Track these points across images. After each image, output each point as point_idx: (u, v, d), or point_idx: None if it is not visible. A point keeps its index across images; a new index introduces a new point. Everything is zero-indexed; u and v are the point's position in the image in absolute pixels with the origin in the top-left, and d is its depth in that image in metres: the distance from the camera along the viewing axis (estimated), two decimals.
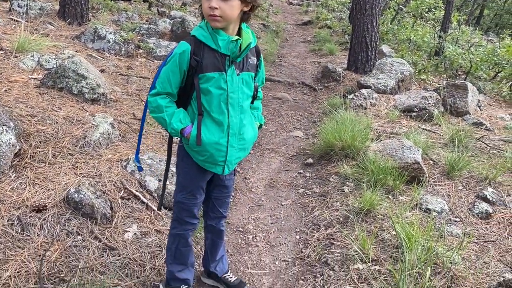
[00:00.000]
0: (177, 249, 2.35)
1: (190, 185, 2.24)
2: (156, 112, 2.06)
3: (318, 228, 3.30)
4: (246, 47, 2.05)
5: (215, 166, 2.17)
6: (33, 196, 2.74)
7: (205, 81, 2.01)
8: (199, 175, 2.22)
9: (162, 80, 2.03)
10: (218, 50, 2.00)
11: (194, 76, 2.00)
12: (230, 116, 2.08)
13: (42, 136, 3.26)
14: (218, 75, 2.01)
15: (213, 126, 2.07)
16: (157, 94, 2.05)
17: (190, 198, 2.26)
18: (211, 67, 2.00)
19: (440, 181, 3.78)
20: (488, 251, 2.87)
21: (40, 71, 4.61)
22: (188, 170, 2.21)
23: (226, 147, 2.12)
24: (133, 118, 4.30)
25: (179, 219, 2.32)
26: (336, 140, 4.28)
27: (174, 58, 1.99)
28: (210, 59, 1.99)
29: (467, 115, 5.63)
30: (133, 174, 3.27)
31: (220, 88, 2.03)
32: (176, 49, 2.01)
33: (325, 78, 7.91)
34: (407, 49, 9.63)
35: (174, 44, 7.37)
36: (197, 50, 1.98)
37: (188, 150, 2.16)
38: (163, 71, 2.03)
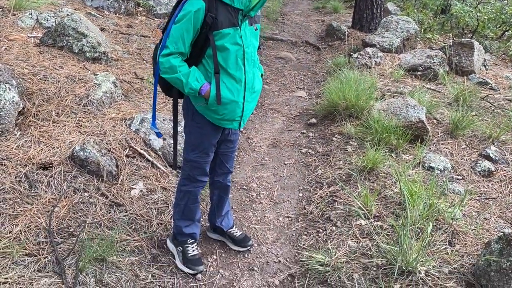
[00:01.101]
0: (186, 205, 2.39)
1: (202, 143, 2.24)
2: (169, 73, 1.99)
3: (321, 186, 3.34)
4: (259, 1, 2.00)
5: (231, 122, 2.18)
6: (39, 154, 2.76)
7: (220, 37, 1.96)
8: (212, 133, 2.22)
9: (175, 39, 1.95)
10: (231, 4, 1.95)
11: (208, 34, 1.95)
12: (246, 72, 2.08)
13: (45, 95, 3.24)
14: (233, 30, 1.98)
15: (232, 84, 2.05)
16: (169, 54, 1.97)
17: (203, 156, 2.28)
18: (226, 23, 1.95)
19: (444, 140, 3.78)
20: (489, 207, 2.91)
21: (39, 30, 4.53)
22: (200, 129, 2.20)
23: (243, 103, 2.13)
24: (135, 77, 4.26)
25: (190, 177, 2.33)
26: (340, 99, 4.25)
27: (188, 16, 1.91)
28: (224, 15, 1.94)
29: (472, 74, 5.56)
30: (137, 132, 3.28)
31: (236, 44, 2.00)
32: (189, 6, 1.91)
33: (329, 37, 7.77)
34: (413, 7, 9.39)
35: (174, 1, 7.19)
36: (210, 6, 1.92)
37: (201, 109, 2.13)
38: (175, 29, 1.94)
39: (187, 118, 2.24)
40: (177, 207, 2.42)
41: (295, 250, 2.74)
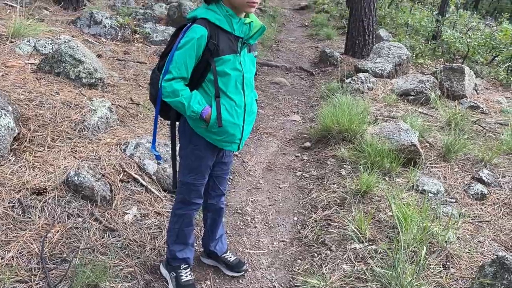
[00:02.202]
0: (180, 229, 2.38)
1: (200, 166, 2.26)
2: (172, 97, 2.03)
3: (316, 209, 3.34)
4: (258, 30, 2.10)
5: (231, 144, 2.22)
6: (33, 179, 2.77)
7: (221, 63, 2.02)
8: (209, 155, 2.26)
9: (178, 65, 2.00)
10: (232, 32, 2.02)
11: (209, 59, 2.01)
12: (246, 96, 2.15)
13: (40, 120, 3.27)
14: (233, 57, 2.05)
15: (232, 107, 2.11)
16: (172, 79, 2.02)
17: (199, 178, 2.30)
18: (226, 49, 2.01)
19: (437, 163, 3.81)
20: (483, 230, 2.92)
21: (36, 56, 4.59)
22: (198, 152, 2.23)
23: (243, 125, 2.19)
24: (131, 102, 4.30)
25: (186, 200, 2.34)
26: (333, 123, 4.30)
27: (191, 43, 1.96)
28: (225, 42, 2.01)
29: (464, 98, 5.65)
30: (132, 157, 3.29)
31: (236, 69, 2.07)
32: (191, 33, 1.97)
33: (322, 63, 7.90)
34: (405, 33, 9.61)
35: (171, 28, 7.33)
36: (212, 33, 1.98)
37: (201, 131, 2.16)
38: (179, 55, 1.99)
39: (184, 141, 2.27)
40: (171, 231, 2.42)
41: (290, 275, 2.72)
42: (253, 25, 2.08)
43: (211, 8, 2.01)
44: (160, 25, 7.55)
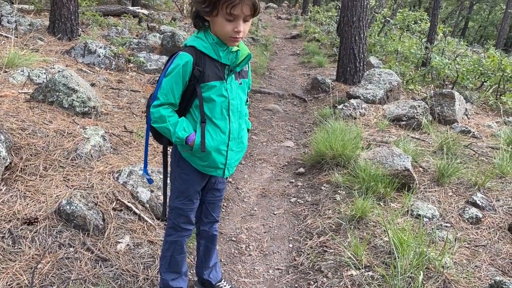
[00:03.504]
0: (172, 257, 2.34)
1: (187, 190, 2.25)
2: (159, 123, 2.06)
3: (311, 236, 3.31)
4: (245, 58, 2.12)
5: (215, 169, 2.22)
6: (24, 208, 2.73)
7: (207, 89, 2.05)
8: (196, 180, 2.25)
9: (165, 91, 2.03)
10: (218, 60, 2.05)
11: (196, 85, 2.04)
12: (231, 122, 2.15)
13: (33, 149, 3.25)
14: (220, 83, 2.07)
15: (216, 132, 2.12)
16: (160, 105, 2.05)
17: (187, 203, 2.28)
18: (212, 76, 2.04)
19: (430, 187, 3.82)
20: (479, 255, 2.90)
21: (30, 86, 4.61)
22: (185, 176, 2.23)
23: (226, 151, 2.18)
24: (124, 130, 4.30)
25: (175, 225, 2.32)
26: (327, 149, 4.32)
27: (177, 69, 1.99)
28: (211, 69, 2.04)
29: (455, 123, 5.72)
30: (125, 185, 3.26)
31: (221, 96, 2.08)
32: (178, 60, 2.00)
33: (314, 90, 7.99)
34: (395, 60, 9.79)
35: (164, 57, 7.41)
36: (198, 60, 2.01)
37: (186, 156, 2.18)
38: (166, 82, 2.03)
39: (173, 165, 2.28)
40: (163, 259, 2.38)
41: None
42: (240, 53, 2.11)
43: (199, 36, 2.05)
44: (154, 54, 7.64)
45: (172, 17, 13.93)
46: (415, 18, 12.60)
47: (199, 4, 1.95)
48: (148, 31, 10.14)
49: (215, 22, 1.98)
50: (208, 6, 1.92)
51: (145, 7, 14.36)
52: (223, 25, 1.95)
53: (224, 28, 1.96)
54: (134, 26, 10.64)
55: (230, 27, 1.95)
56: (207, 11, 1.93)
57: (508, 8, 20.15)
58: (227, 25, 1.94)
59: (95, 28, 8.99)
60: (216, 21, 1.96)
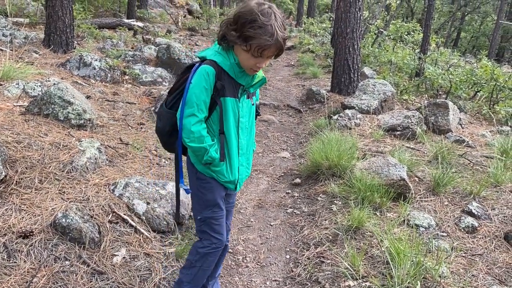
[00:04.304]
0: (200, 268, 2.33)
1: (214, 198, 2.26)
2: (196, 142, 2.06)
3: (308, 247, 3.31)
4: (259, 81, 2.19)
5: (228, 183, 2.26)
6: (20, 222, 2.71)
7: (225, 103, 2.09)
8: (220, 186, 2.27)
9: (199, 106, 2.03)
10: (235, 79, 2.09)
11: (216, 98, 2.06)
12: (239, 138, 2.20)
13: (28, 162, 3.23)
14: (234, 101, 2.12)
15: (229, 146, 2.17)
16: (198, 122, 2.05)
17: (216, 210, 2.28)
18: (229, 92, 2.08)
19: (426, 197, 3.83)
20: (476, 264, 2.90)
21: (25, 99, 4.61)
22: (208, 185, 2.24)
23: (238, 167, 2.24)
24: (120, 142, 4.30)
25: (210, 236, 2.30)
26: (322, 159, 4.33)
27: (204, 81, 2.01)
28: (229, 85, 2.08)
29: (449, 133, 5.76)
30: (121, 197, 3.25)
31: (234, 112, 2.13)
32: (202, 72, 2.02)
33: (309, 100, 8.03)
34: (389, 70, 9.87)
35: (160, 69, 7.44)
36: (219, 74, 2.04)
37: (201, 168, 2.21)
38: (195, 95, 2.02)
39: (192, 179, 2.28)
40: (191, 269, 2.35)
41: None
42: (256, 76, 2.16)
43: (221, 53, 2.07)
44: (149, 66, 7.66)
45: (167, 30, 14.02)
46: (408, 29, 12.76)
47: (231, 35, 1.97)
48: (143, 43, 10.19)
49: (241, 53, 2.01)
50: (239, 38, 1.95)
51: (140, 20, 14.43)
52: (247, 59, 2.01)
53: (248, 62, 2.02)
54: (129, 39, 10.69)
55: (254, 62, 2.01)
56: (237, 42, 1.97)
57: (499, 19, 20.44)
58: (252, 59, 2.00)
59: (90, 40, 9.03)
60: (242, 51, 2.00)
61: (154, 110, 5.57)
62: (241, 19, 1.93)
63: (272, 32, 1.90)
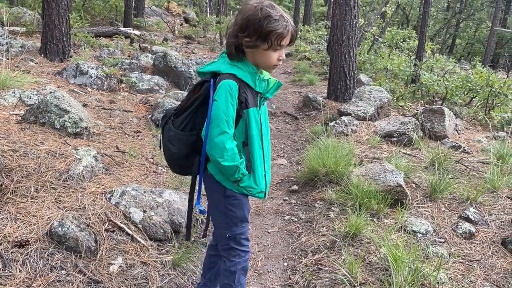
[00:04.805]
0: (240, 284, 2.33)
1: (244, 214, 2.24)
2: (230, 161, 2.02)
3: (306, 254, 3.30)
4: (274, 85, 2.18)
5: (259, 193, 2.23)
6: (15, 231, 2.69)
7: (248, 115, 2.07)
8: (247, 200, 2.25)
9: (228, 122, 1.99)
10: (254, 88, 2.08)
11: (240, 111, 2.05)
12: (264, 146, 2.19)
13: (24, 171, 3.22)
14: (256, 110, 2.11)
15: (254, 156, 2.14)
16: (229, 139, 2.01)
17: (245, 225, 2.27)
18: (251, 102, 2.07)
19: (423, 203, 3.83)
20: (474, 270, 2.90)
21: (21, 107, 4.60)
22: (238, 201, 2.19)
23: (265, 174, 2.22)
24: (117, 150, 4.29)
25: (241, 251, 2.29)
26: (319, 166, 4.33)
27: (230, 96, 1.98)
28: (250, 95, 2.07)
29: (445, 138, 5.78)
30: (117, 206, 3.24)
31: (257, 122, 2.12)
32: (226, 86, 1.98)
33: (306, 107, 8.05)
34: (385, 77, 9.92)
35: (156, 77, 7.45)
36: (240, 86, 2.02)
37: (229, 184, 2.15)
38: (222, 111, 1.98)
39: (219, 198, 2.20)
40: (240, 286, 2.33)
41: None
42: (270, 81, 2.17)
43: (237, 65, 2.05)
44: (146, 74, 7.68)
45: (164, 38, 14.07)
46: (403, 36, 12.85)
47: (247, 41, 1.97)
48: (140, 51, 10.21)
49: (261, 54, 2.02)
50: (257, 40, 1.96)
51: (137, 28, 14.48)
52: (270, 55, 2.01)
53: (271, 58, 2.03)
54: (126, 47, 10.71)
55: (276, 56, 2.03)
56: (256, 44, 1.97)
57: (494, 26, 20.62)
58: (274, 54, 2.02)
59: (87, 49, 9.04)
60: (263, 52, 2.00)
61: (150, 118, 5.58)
62: (252, 21, 1.94)
63: (286, 20, 1.97)
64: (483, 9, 27.16)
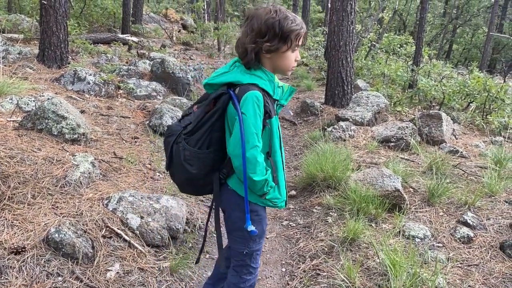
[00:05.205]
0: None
1: (263, 228, 2.20)
2: (261, 175, 1.96)
3: (304, 259, 3.29)
4: (287, 91, 2.14)
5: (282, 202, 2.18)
6: (12, 238, 2.67)
7: (271, 124, 2.02)
8: (265, 214, 2.21)
9: (258, 135, 1.93)
10: (272, 96, 2.04)
11: (265, 122, 1.99)
12: (282, 154, 2.14)
13: (21, 177, 3.21)
14: (276, 118, 2.07)
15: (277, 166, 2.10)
16: (260, 152, 1.95)
17: (262, 241, 2.23)
18: (272, 112, 2.02)
19: (421, 207, 3.83)
20: (472, 274, 2.89)
21: (19, 114, 4.59)
22: (258, 217, 2.14)
23: (285, 182, 2.17)
24: (114, 156, 4.28)
25: (254, 268, 2.25)
26: (317, 171, 4.33)
27: (258, 105, 1.92)
28: (271, 104, 2.02)
29: (443, 143, 5.78)
30: (114, 212, 3.23)
31: (277, 130, 2.07)
32: (253, 98, 1.91)
33: (304, 113, 8.06)
34: (382, 83, 9.94)
35: (154, 83, 7.45)
36: (264, 96, 1.97)
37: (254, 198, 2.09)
38: (254, 126, 1.91)
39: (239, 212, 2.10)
40: None
41: None
42: (284, 86, 2.12)
43: (256, 74, 1.99)
44: (144, 80, 7.68)
45: (162, 44, 14.10)
46: (400, 42, 12.90)
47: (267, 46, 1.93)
48: (138, 58, 10.23)
49: (280, 56, 1.98)
50: (279, 42, 1.93)
51: (134, 35, 14.52)
52: (289, 57, 1.99)
53: (290, 60, 2.01)
54: (124, 53, 10.73)
55: (293, 57, 2.01)
56: (278, 47, 1.94)
57: (490, 31, 20.73)
58: (292, 56, 2.00)
59: (85, 55, 9.05)
60: (282, 55, 1.97)
61: (148, 124, 5.58)
62: (272, 24, 1.91)
63: (300, 20, 1.98)
64: (479, 15, 27.33)
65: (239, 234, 2.16)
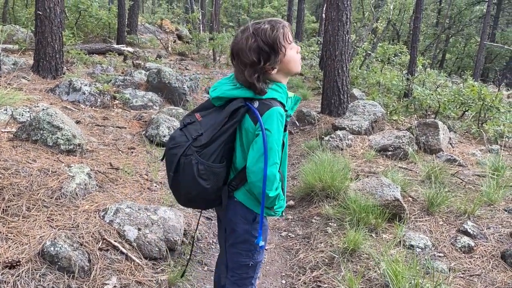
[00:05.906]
0: None
1: (266, 238, 2.17)
2: (275, 191, 1.91)
3: (304, 271, 3.24)
4: (293, 100, 2.08)
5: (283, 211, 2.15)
6: (6, 251, 2.61)
7: (285, 138, 1.98)
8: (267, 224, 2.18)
9: (278, 152, 1.89)
10: (286, 108, 1.99)
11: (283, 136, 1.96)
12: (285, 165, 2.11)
13: (15, 189, 3.15)
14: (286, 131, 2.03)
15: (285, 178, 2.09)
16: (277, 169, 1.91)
17: (264, 250, 2.19)
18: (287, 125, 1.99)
19: (421, 217, 3.80)
20: (475, 285, 2.86)
21: (13, 125, 4.54)
22: (265, 228, 2.10)
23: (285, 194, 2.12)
24: (110, 167, 4.23)
25: (254, 279, 2.20)
26: (316, 181, 4.30)
27: (281, 122, 1.88)
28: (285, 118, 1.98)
29: (440, 152, 5.78)
30: (111, 224, 3.17)
31: (286, 142, 2.03)
32: (277, 115, 1.86)
33: (300, 122, 8.05)
34: (377, 91, 9.97)
35: (150, 93, 7.42)
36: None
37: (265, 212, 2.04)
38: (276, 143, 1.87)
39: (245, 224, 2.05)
40: None
41: None
42: (293, 97, 2.08)
43: (275, 89, 1.94)
44: (140, 90, 7.65)
45: (157, 55, 14.11)
46: (395, 51, 12.98)
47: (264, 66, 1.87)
48: (133, 68, 10.21)
49: (284, 61, 1.93)
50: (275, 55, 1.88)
51: (130, 45, 14.51)
52: (292, 57, 1.94)
53: (294, 58, 1.95)
54: (119, 64, 10.71)
55: (294, 52, 1.96)
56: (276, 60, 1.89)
57: (483, 41, 20.93)
58: (293, 53, 1.95)
59: (80, 66, 9.02)
60: (285, 59, 1.92)
61: (144, 134, 5.53)
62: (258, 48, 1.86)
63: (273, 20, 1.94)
64: (471, 25, 27.62)
65: (244, 247, 2.09)
